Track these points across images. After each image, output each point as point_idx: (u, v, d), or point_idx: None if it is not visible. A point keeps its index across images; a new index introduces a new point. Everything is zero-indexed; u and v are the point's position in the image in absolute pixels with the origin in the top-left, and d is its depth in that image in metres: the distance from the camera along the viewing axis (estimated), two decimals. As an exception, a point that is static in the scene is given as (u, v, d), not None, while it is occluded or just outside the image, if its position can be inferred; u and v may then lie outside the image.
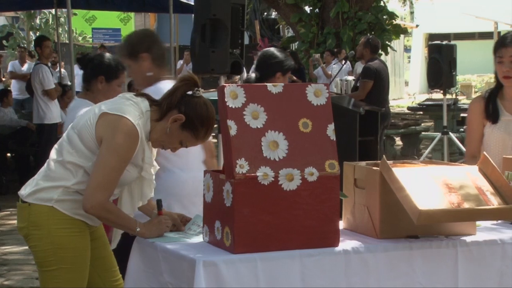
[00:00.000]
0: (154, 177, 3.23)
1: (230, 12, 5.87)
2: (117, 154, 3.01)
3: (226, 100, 2.83)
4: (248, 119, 2.84)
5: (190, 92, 3.10)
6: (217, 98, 2.89)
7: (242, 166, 2.78)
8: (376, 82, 9.52)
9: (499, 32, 28.71)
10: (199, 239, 3.05)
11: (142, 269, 3.08)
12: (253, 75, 4.65)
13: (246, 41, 19.62)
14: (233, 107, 2.84)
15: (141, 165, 3.12)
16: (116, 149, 3.01)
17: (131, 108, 3.07)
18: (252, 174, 2.79)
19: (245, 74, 14.25)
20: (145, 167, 3.14)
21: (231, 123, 2.82)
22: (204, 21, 5.75)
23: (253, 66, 4.64)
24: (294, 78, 14.69)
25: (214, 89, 8.89)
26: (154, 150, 3.24)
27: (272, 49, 4.70)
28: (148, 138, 3.12)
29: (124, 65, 4.15)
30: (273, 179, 2.80)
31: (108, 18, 28.04)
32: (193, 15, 6.64)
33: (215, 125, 3.23)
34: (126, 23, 29.01)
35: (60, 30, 22.48)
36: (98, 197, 2.99)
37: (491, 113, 3.85)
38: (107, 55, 4.33)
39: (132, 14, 28.45)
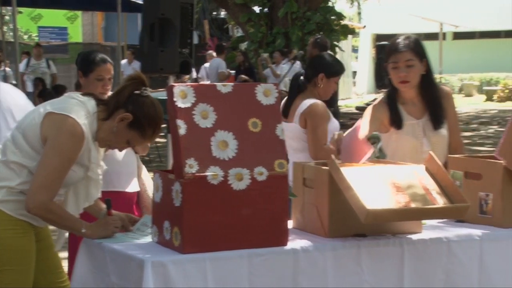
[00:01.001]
0: (101, 177, 3.20)
1: (179, 12, 5.85)
2: (61, 154, 2.97)
3: (175, 99, 2.83)
4: (197, 119, 2.83)
5: (137, 91, 3.08)
6: (166, 97, 2.88)
7: (191, 166, 2.78)
8: (324, 82, 9.56)
9: (444, 33, 29.19)
10: (148, 239, 3.04)
11: (89, 270, 3.05)
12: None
13: (195, 40, 19.60)
14: (182, 106, 2.83)
15: (88, 165, 3.09)
16: (60, 149, 2.97)
17: (77, 108, 3.03)
18: (202, 174, 2.78)
19: (194, 74, 14.20)
20: (92, 167, 3.11)
21: (180, 123, 2.81)
22: (152, 20, 5.73)
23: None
24: (245, 77, 14.73)
25: (163, 89, 8.84)
26: (102, 150, 3.21)
27: (325, 53, 4.91)
28: (95, 138, 3.09)
29: (105, 59, 4.14)
30: (222, 179, 2.80)
31: (54, 17, 27.67)
32: (141, 14, 6.60)
33: (164, 125, 3.22)
34: (73, 22, 28.68)
35: (5, 28, 22.11)
36: (40, 197, 2.95)
37: (395, 120, 3.82)
38: (94, 50, 4.37)
39: (79, 13, 28.12)
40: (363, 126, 3.85)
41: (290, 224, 3.15)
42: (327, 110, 4.57)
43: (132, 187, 4.14)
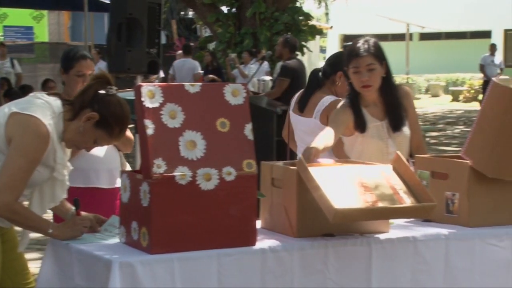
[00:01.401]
0: (67, 177, 3.18)
1: (147, 11, 5.83)
2: (26, 154, 2.94)
3: (143, 99, 2.81)
4: (165, 119, 2.82)
5: (103, 91, 3.06)
6: (133, 97, 2.87)
7: (159, 166, 2.77)
8: (293, 81, 9.59)
9: (411, 34, 29.43)
10: (115, 240, 3.02)
11: (55, 272, 3.02)
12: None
13: (163, 40, 19.55)
14: (150, 106, 2.82)
15: (53, 165, 3.07)
16: (25, 150, 2.94)
17: (42, 108, 3.01)
18: (170, 174, 2.78)
19: (161, 73, 14.14)
20: (57, 167, 3.09)
21: (148, 123, 2.80)
22: (120, 20, 5.70)
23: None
24: (213, 77, 14.70)
25: (131, 89, 8.80)
26: (68, 151, 3.18)
27: (341, 51, 4.86)
28: (61, 139, 3.07)
29: (84, 55, 4.11)
30: (190, 179, 2.80)
31: (20, 16, 27.40)
32: (108, 13, 6.57)
33: (132, 125, 3.21)
34: (39, 21, 28.42)
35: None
36: (5, 198, 2.92)
37: (359, 123, 3.82)
38: (77, 47, 4.34)
39: (45, 12, 27.88)
40: (328, 132, 3.83)
41: (259, 224, 3.15)
42: None
43: (113, 183, 4.11)
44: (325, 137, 3.58)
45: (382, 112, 3.87)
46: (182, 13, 26.60)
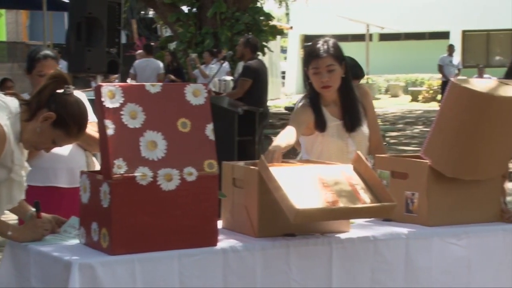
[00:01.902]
0: (25, 178, 3.14)
1: (107, 11, 5.80)
2: None
3: (103, 99, 2.79)
4: (126, 119, 2.81)
5: (60, 90, 3.03)
6: (93, 97, 2.85)
7: (120, 167, 2.75)
8: (255, 82, 9.60)
9: (370, 34, 29.64)
10: (75, 241, 2.99)
11: (12, 274, 2.98)
12: None
13: (123, 40, 19.42)
14: (111, 107, 2.80)
15: (11, 166, 3.02)
16: None
17: None
18: (130, 175, 2.76)
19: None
20: (15, 168, 3.04)
21: (108, 123, 2.78)
22: (79, 19, 5.66)
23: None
24: (173, 77, 14.65)
25: (90, 89, 8.74)
26: (26, 151, 3.15)
27: (346, 56, 4.90)
28: (19, 139, 3.03)
29: (46, 54, 4.07)
30: (151, 179, 2.78)
31: (-22, 14, 27.03)
32: (67, 13, 6.51)
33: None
34: (-3, 20, 28.05)
35: None
36: None
37: (319, 123, 3.85)
38: (41, 47, 4.29)
39: (3, 11, 27.50)
40: (287, 130, 3.84)
41: (220, 224, 3.15)
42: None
43: (74, 183, 4.07)
44: (287, 136, 3.59)
45: (342, 111, 3.90)
46: (142, 12, 26.46)
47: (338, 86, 3.83)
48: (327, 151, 3.87)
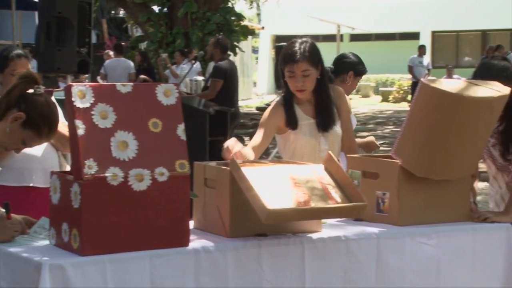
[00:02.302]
0: None
1: (77, 10, 5.77)
2: None
3: (73, 99, 2.77)
4: (96, 119, 2.79)
5: (30, 90, 3.01)
6: (63, 97, 2.83)
7: (90, 167, 2.73)
8: (226, 82, 9.61)
9: (341, 35, 29.75)
10: (45, 242, 2.97)
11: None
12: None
13: (94, 40, 19.29)
14: (81, 106, 2.78)
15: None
16: None
17: None
18: (101, 175, 2.74)
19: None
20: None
21: (79, 123, 2.76)
22: (49, 18, 5.62)
23: None
24: (145, 77, 14.59)
25: (60, 89, 8.67)
26: None
27: (350, 52, 5.15)
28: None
29: (19, 53, 4.03)
30: (122, 180, 2.77)
31: None
32: (37, 12, 6.46)
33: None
34: (-35, 19, 27.72)
35: None
36: None
37: (291, 121, 3.88)
38: (13, 46, 4.26)
39: (-29, 10, 27.22)
40: (256, 138, 3.87)
41: (192, 224, 3.14)
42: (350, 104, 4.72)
43: (48, 183, 4.06)
44: (252, 148, 3.72)
45: (316, 111, 3.92)
46: (112, 12, 26.32)
47: (312, 88, 3.85)
48: (299, 149, 3.89)
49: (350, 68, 4.90)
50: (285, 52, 3.87)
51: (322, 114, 3.90)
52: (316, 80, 3.86)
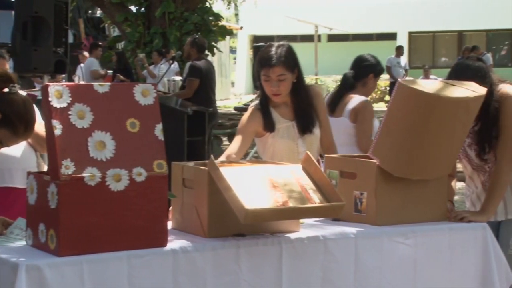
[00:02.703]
0: None
1: (53, 10, 5.73)
2: None
3: (50, 99, 2.76)
4: (73, 119, 2.77)
5: (5, 89, 2.99)
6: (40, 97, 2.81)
7: (67, 167, 2.72)
8: (202, 81, 9.59)
9: (319, 35, 29.82)
10: (21, 243, 2.95)
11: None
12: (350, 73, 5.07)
13: (71, 39, 19.18)
14: (58, 106, 2.77)
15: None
16: None
17: None
18: (78, 175, 2.73)
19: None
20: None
21: (56, 123, 2.74)
22: (25, 18, 5.59)
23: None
24: (122, 77, 14.53)
25: (36, 89, 8.62)
26: None
27: (367, 54, 5.26)
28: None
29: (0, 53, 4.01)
30: (100, 180, 2.76)
31: None
32: (13, 11, 6.41)
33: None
34: None
35: None
36: None
37: (268, 124, 3.91)
38: None
39: None
40: (234, 145, 3.88)
41: (170, 224, 3.14)
42: (373, 108, 4.99)
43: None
44: (230, 153, 3.75)
45: (293, 113, 3.93)
46: (89, 12, 26.20)
47: (287, 92, 3.87)
48: (278, 152, 3.91)
49: (370, 71, 5.03)
50: (261, 56, 3.88)
51: (300, 117, 3.92)
52: (293, 83, 3.87)
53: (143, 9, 16.19)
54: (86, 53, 15.72)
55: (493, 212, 3.66)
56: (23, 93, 3.20)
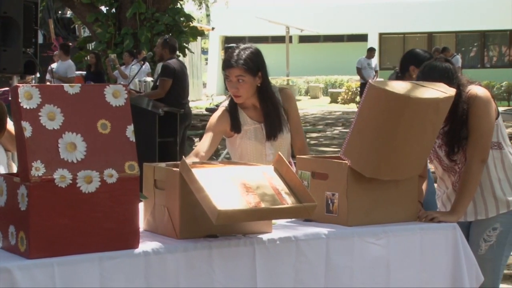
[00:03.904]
0: None
1: (23, 10, 5.69)
2: None
3: (20, 100, 2.74)
4: (44, 120, 2.75)
5: None
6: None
7: (38, 169, 2.70)
8: (175, 82, 9.56)
9: (290, 36, 29.90)
10: (-8, 245, 2.92)
11: None
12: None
13: (40, 40, 19.04)
14: (28, 108, 2.74)
15: None
16: None
17: None
18: (49, 177, 2.71)
19: (38, 74, 13.80)
20: None
21: (25, 125, 2.72)
22: (-6, 18, 5.53)
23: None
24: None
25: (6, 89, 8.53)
26: None
27: (414, 49, 5.43)
28: None
29: None
30: (71, 182, 2.74)
31: None
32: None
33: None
34: None
35: None
36: None
37: (235, 125, 3.95)
38: None
39: None
40: (203, 143, 3.92)
41: (141, 226, 3.12)
42: None
43: None
44: (199, 152, 3.81)
45: (262, 115, 3.95)
46: (59, 12, 26.02)
47: (249, 95, 3.90)
48: (246, 153, 3.93)
49: (411, 63, 5.14)
50: (225, 57, 3.93)
51: (267, 120, 3.94)
52: (257, 87, 3.89)
53: (113, 9, 16.10)
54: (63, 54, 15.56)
55: (463, 213, 3.69)
56: None
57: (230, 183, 3.01)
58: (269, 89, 3.97)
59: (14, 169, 4.13)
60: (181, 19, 16.17)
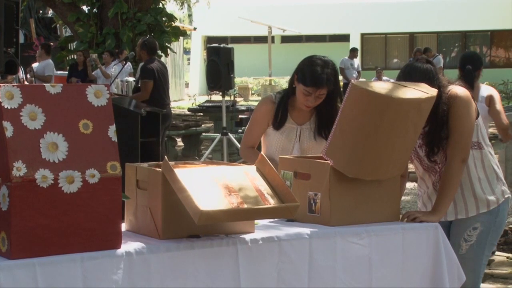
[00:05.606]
0: None
1: (4, 10, 5.65)
2: None
3: (1, 100, 2.72)
4: (25, 120, 2.74)
5: None
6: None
7: (19, 169, 2.68)
8: (156, 82, 9.55)
9: (272, 37, 29.91)
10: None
11: None
12: None
13: (22, 40, 18.95)
14: (9, 107, 2.73)
15: None
16: None
17: None
18: (30, 177, 2.70)
19: (20, 74, 13.72)
20: None
21: (7, 124, 2.71)
22: (-25, 18, 5.49)
23: None
24: (76, 80, 14.38)
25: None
26: None
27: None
28: None
29: None
30: (52, 182, 2.73)
31: None
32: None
33: None
34: None
35: None
36: None
37: (278, 121, 4.07)
38: None
39: None
40: (253, 135, 4.13)
41: (123, 226, 3.11)
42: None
43: None
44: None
45: (304, 117, 4.07)
46: (41, 11, 25.89)
47: None
48: (269, 142, 4.11)
49: (480, 65, 6.35)
50: (309, 71, 3.95)
51: (319, 121, 4.04)
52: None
53: (95, 9, 16.04)
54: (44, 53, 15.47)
55: (444, 212, 3.71)
56: None
57: (213, 183, 3.01)
58: (336, 99, 4.03)
59: None
60: (163, 19, 16.14)
